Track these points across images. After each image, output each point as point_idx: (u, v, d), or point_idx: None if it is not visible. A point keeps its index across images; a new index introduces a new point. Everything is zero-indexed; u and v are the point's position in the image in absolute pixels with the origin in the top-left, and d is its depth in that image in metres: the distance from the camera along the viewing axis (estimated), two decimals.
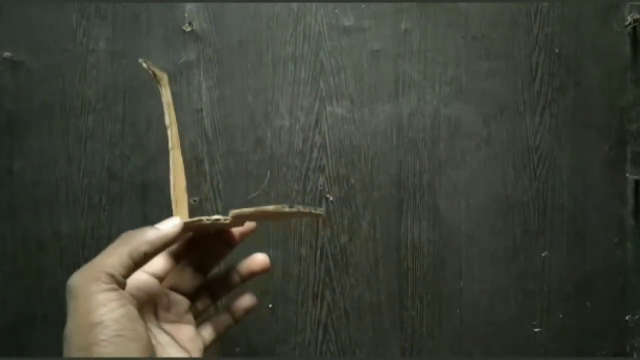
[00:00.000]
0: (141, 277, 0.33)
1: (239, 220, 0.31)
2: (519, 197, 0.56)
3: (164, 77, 0.31)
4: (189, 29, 0.54)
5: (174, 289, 0.36)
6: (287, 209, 0.28)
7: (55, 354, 0.53)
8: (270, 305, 0.55)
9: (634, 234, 0.56)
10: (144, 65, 0.30)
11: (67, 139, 0.54)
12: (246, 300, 0.40)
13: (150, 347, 0.27)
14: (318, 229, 0.55)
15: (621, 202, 0.56)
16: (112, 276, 0.27)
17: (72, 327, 0.25)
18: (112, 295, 0.26)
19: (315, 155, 0.55)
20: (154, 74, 0.31)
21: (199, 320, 0.38)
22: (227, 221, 0.30)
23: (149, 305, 0.33)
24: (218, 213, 0.54)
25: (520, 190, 0.56)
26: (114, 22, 0.54)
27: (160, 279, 0.34)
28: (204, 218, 0.30)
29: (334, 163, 0.55)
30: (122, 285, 0.28)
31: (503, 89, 0.56)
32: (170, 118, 0.30)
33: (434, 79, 0.55)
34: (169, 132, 0.30)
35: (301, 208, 0.29)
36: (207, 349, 0.37)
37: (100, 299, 0.26)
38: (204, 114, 0.54)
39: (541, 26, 0.56)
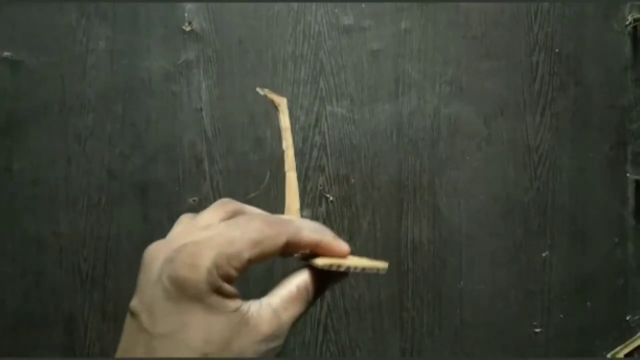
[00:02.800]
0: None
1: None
2: (520, 197, 0.56)
3: (282, 102, 0.31)
4: (188, 28, 0.54)
5: None
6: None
7: (54, 354, 0.53)
8: None
9: (634, 234, 0.56)
10: (262, 93, 0.30)
11: (67, 139, 0.54)
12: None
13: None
14: None
15: (622, 202, 0.56)
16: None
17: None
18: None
19: (315, 154, 0.55)
20: (273, 101, 0.31)
21: None
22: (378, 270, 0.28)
23: None
24: None
25: (520, 190, 0.56)
26: (113, 22, 0.54)
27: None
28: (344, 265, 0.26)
29: (334, 163, 0.55)
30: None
31: (503, 89, 0.55)
32: (287, 142, 0.30)
33: (434, 79, 0.55)
34: (285, 155, 0.30)
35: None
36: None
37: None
38: (203, 113, 0.54)
39: (541, 26, 0.55)
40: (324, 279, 0.26)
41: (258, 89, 0.32)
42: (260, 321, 0.23)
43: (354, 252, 0.27)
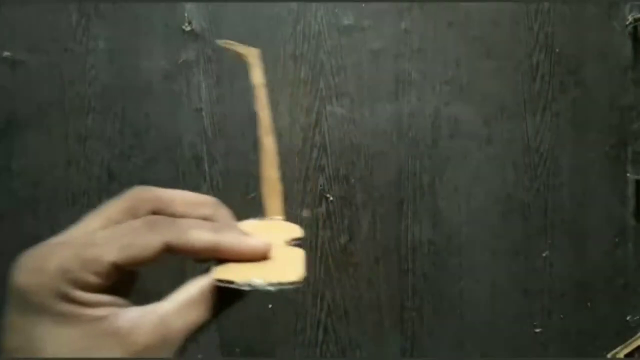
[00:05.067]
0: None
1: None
2: (520, 197, 0.56)
3: (251, 54, 0.26)
4: (188, 28, 0.54)
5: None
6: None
7: None
8: (270, 306, 0.55)
9: (634, 234, 0.56)
10: (222, 45, 0.26)
11: (67, 139, 0.54)
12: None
13: None
14: (318, 228, 0.55)
15: (622, 202, 0.56)
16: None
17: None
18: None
19: (315, 155, 0.55)
20: (238, 54, 0.26)
21: None
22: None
23: None
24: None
25: (520, 190, 0.56)
26: (113, 22, 0.54)
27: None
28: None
29: (334, 163, 0.55)
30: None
31: (503, 89, 0.55)
32: (260, 101, 0.26)
33: (434, 79, 0.55)
34: (259, 117, 0.26)
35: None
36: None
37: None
38: (203, 113, 0.54)
39: (542, 26, 0.55)
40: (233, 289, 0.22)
41: (218, 41, 0.27)
42: (136, 331, 0.20)
43: (354, 253, 0.26)
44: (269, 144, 0.26)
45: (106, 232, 0.21)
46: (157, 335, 0.20)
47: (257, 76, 0.26)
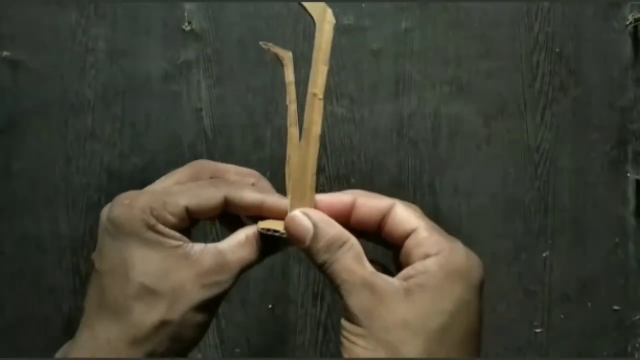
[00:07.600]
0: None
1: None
2: (520, 197, 0.56)
3: (287, 56, 0.32)
4: (188, 28, 0.54)
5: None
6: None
7: (53, 354, 0.53)
8: (270, 306, 0.55)
9: (635, 234, 0.56)
10: (265, 47, 0.32)
11: (66, 139, 0.54)
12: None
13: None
14: None
15: (622, 202, 0.56)
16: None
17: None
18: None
19: None
20: (277, 55, 0.32)
21: None
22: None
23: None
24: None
25: (521, 190, 0.56)
26: (113, 22, 0.54)
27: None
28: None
29: (334, 163, 0.55)
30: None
31: (504, 88, 0.55)
32: (290, 96, 0.32)
33: (434, 79, 0.55)
34: (288, 110, 0.32)
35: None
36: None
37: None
38: (203, 113, 0.54)
39: (542, 25, 0.55)
40: (274, 237, 0.27)
41: (261, 43, 0.33)
42: (202, 257, 0.25)
43: None
44: (294, 133, 0.31)
45: (180, 186, 0.26)
46: (216, 262, 0.25)
47: (289, 75, 0.32)
